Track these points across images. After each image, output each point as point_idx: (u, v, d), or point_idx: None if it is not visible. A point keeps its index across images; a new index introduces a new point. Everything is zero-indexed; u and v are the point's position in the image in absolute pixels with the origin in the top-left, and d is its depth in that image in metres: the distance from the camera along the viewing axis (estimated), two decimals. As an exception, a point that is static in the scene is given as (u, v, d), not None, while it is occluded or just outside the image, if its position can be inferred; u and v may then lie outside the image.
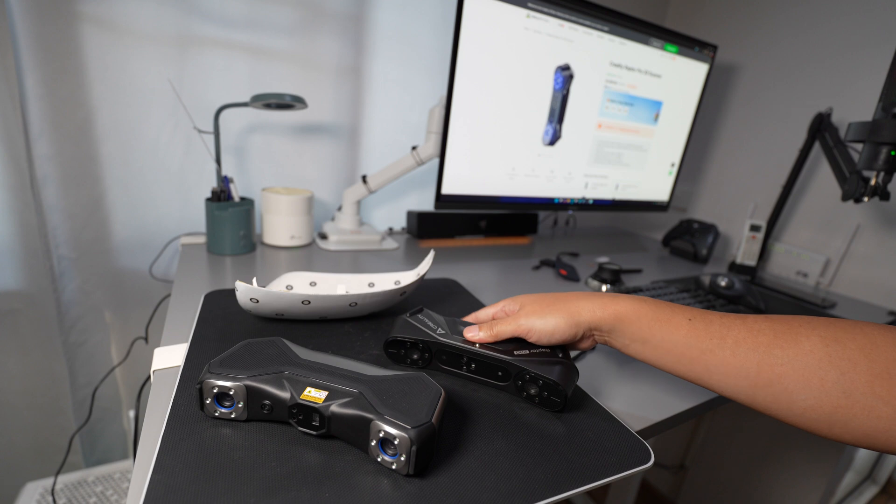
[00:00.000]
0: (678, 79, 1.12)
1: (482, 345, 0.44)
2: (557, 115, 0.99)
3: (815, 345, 0.30)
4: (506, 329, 0.43)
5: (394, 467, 0.31)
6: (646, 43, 1.03)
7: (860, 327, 0.30)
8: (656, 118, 1.13)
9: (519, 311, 0.44)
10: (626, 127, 1.10)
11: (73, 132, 0.77)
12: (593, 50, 0.97)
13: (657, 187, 1.24)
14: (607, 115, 1.06)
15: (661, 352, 0.38)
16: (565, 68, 0.95)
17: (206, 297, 0.58)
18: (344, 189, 0.98)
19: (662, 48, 1.06)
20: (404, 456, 0.30)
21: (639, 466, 0.36)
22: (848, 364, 0.29)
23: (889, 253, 1.00)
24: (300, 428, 0.34)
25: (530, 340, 0.43)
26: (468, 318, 0.50)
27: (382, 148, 1.05)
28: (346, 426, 0.33)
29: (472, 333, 0.44)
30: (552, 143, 1.01)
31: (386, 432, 0.31)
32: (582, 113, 1.02)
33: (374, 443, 0.32)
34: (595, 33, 0.96)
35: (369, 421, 0.32)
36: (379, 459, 0.32)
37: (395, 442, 0.30)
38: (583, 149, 1.06)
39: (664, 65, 1.08)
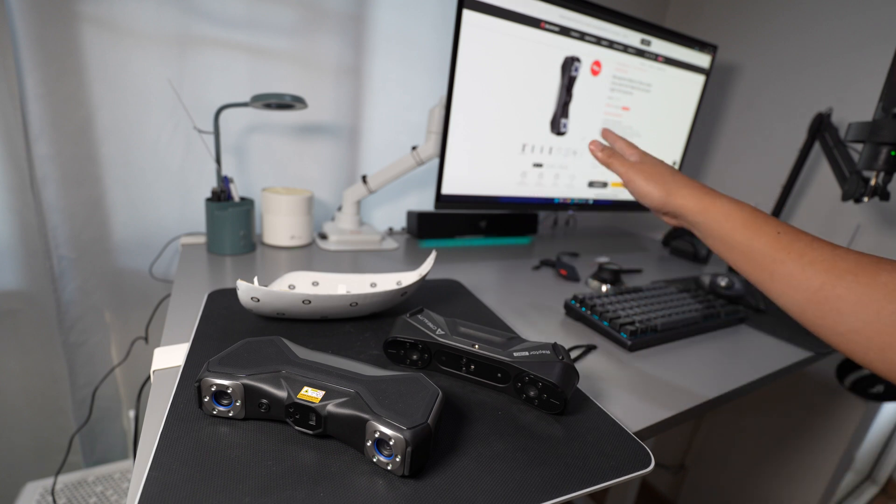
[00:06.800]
0: (679, 79, 1.12)
1: (481, 346, 0.44)
2: (562, 108, 0.98)
3: (890, 279, 0.31)
4: (617, 169, 0.52)
5: (389, 468, 0.31)
6: (647, 45, 1.03)
7: None
8: (657, 118, 1.13)
9: (635, 163, 0.52)
10: (626, 126, 1.10)
11: (73, 132, 0.77)
12: (594, 50, 0.97)
13: (657, 187, 1.24)
14: (609, 114, 1.06)
15: (736, 253, 0.41)
16: (574, 59, 0.95)
17: (210, 296, 0.58)
18: (344, 189, 0.98)
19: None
20: (399, 457, 0.30)
21: (638, 471, 0.36)
22: None
23: (889, 253, 0.99)
24: (297, 427, 0.34)
25: (626, 188, 0.51)
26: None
27: (382, 148, 1.05)
28: (343, 426, 0.33)
29: (594, 146, 0.55)
30: (560, 133, 1.00)
31: (381, 433, 0.31)
32: (583, 113, 1.02)
33: (369, 443, 0.32)
34: (599, 41, 0.96)
35: (365, 421, 0.32)
36: (374, 460, 0.32)
37: (391, 442, 0.30)
38: (584, 148, 1.06)
39: (665, 65, 1.08)
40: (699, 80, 1.15)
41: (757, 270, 0.40)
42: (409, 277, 0.63)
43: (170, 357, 0.46)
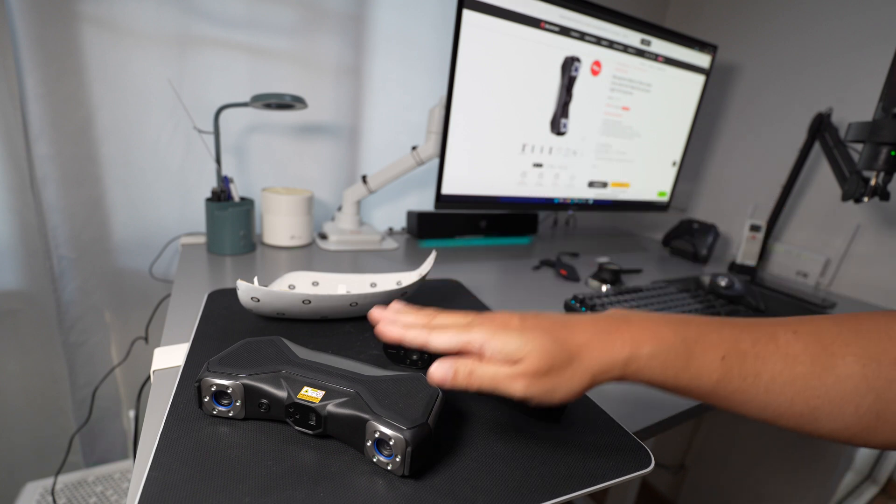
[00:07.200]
0: (679, 79, 1.12)
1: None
2: (562, 108, 0.98)
3: (851, 367, 0.29)
4: (498, 381, 0.31)
5: (389, 468, 0.31)
6: (647, 45, 1.03)
7: (889, 334, 0.29)
8: (657, 118, 1.13)
9: (516, 369, 0.31)
10: (626, 126, 1.10)
11: (73, 132, 0.77)
12: (594, 50, 0.97)
13: (657, 187, 1.24)
14: (609, 114, 1.06)
15: (685, 393, 0.34)
16: (574, 59, 0.95)
17: (210, 296, 0.58)
18: (344, 189, 0.98)
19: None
20: (399, 457, 0.30)
21: (638, 471, 0.36)
22: (884, 384, 0.28)
23: (889, 253, 1.00)
24: (297, 427, 0.34)
25: (527, 399, 0.32)
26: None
27: (382, 148, 1.05)
28: (343, 426, 0.33)
29: (440, 377, 0.31)
30: (560, 133, 1.00)
31: (381, 432, 0.31)
32: (583, 113, 1.02)
33: (369, 443, 0.32)
34: (599, 41, 0.96)
35: (365, 421, 0.32)
36: (374, 460, 0.32)
37: (391, 442, 0.30)
38: (584, 149, 1.06)
39: (665, 65, 1.08)
40: (699, 80, 1.15)
41: (715, 402, 0.34)
42: (409, 277, 0.63)
43: (170, 357, 0.46)
